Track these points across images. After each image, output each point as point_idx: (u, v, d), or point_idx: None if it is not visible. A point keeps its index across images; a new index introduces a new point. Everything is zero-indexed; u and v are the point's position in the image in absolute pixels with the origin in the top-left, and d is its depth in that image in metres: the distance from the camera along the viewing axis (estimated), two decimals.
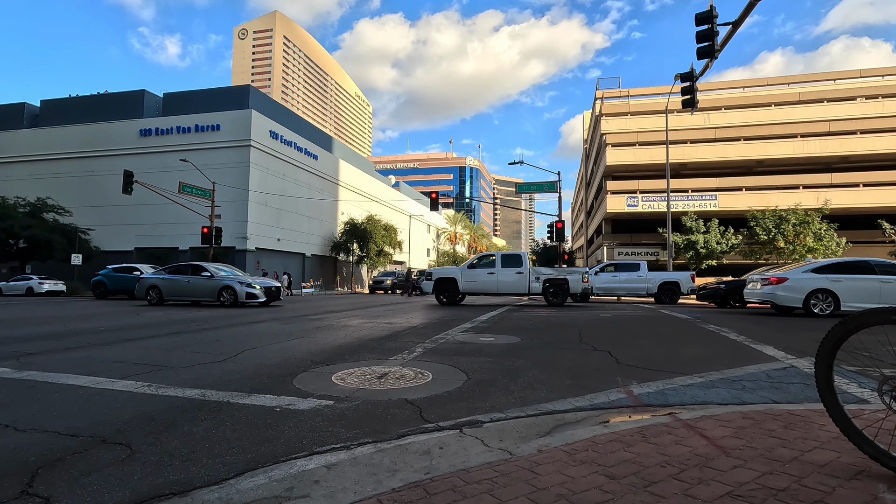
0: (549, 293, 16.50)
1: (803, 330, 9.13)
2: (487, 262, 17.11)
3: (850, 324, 2.10)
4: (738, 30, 11.12)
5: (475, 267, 17.04)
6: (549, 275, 16.62)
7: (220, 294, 16.36)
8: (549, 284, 16.46)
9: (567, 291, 16.46)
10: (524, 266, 16.82)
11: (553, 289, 16.48)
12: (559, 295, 16.50)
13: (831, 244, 26.92)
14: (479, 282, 16.78)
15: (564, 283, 16.51)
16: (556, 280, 16.53)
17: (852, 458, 2.26)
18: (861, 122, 35.05)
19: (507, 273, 16.69)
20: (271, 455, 2.48)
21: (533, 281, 16.49)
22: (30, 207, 32.58)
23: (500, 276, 16.66)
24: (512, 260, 17.06)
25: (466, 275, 16.86)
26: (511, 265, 16.83)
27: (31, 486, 2.09)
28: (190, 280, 17.03)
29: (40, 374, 4.54)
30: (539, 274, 16.68)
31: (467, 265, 17.22)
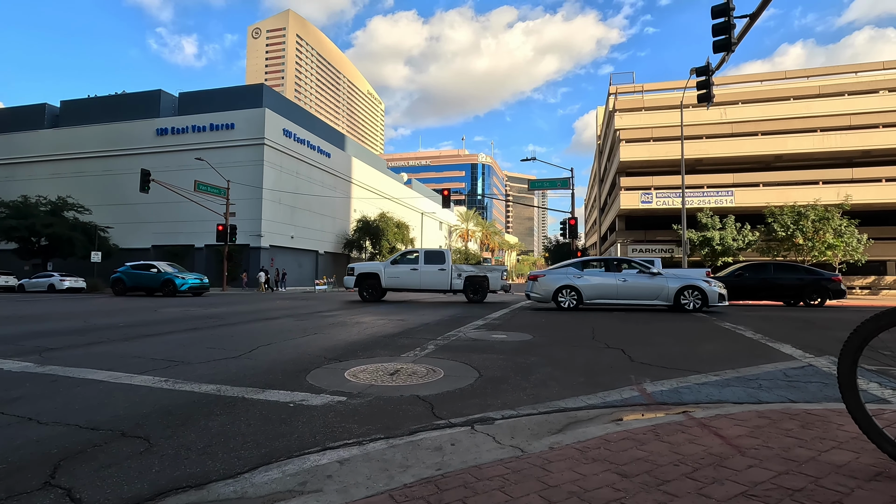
0: (470, 290, 16.61)
1: (823, 328, 8.95)
2: (411, 259, 17.13)
3: (883, 319, 2.02)
4: (755, 22, 10.89)
5: (398, 263, 17.05)
6: (470, 272, 16.77)
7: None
8: (469, 281, 16.58)
9: (487, 289, 16.63)
10: (447, 263, 16.89)
11: (473, 286, 16.61)
12: (479, 292, 16.59)
13: (852, 240, 26.31)
14: (403, 278, 16.78)
15: (484, 280, 16.68)
16: (477, 277, 16.69)
17: (871, 458, 2.21)
18: (884, 116, 34.13)
19: (429, 270, 16.73)
20: (285, 450, 2.51)
21: (455, 278, 16.57)
22: (51, 206, 33.32)
23: (423, 272, 16.70)
24: (435, 257, 17.10)
25: (389, 271, 16.82)
26: (434, 262, 16.90)
27: (54, 478, 2.15)
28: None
29: (62, 368, 4.65)
30: (461, 271, 16.76)
31: (390, 261, 17.20)
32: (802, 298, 15.79)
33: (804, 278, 16.07)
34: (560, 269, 13.98)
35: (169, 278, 21.73)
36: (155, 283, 21.98)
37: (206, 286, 23.19)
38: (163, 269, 22.32)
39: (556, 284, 13.22)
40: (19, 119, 43.46)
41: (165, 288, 21.61)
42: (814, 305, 15.63)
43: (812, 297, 15.71)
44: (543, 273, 13.86)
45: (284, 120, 38.46)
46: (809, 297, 15.72)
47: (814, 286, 15.87)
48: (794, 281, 16.09)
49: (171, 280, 21.64)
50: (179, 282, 21.73)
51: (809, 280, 15.97)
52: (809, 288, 15.81)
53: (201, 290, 22.93)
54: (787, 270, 16.80)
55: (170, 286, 21.53)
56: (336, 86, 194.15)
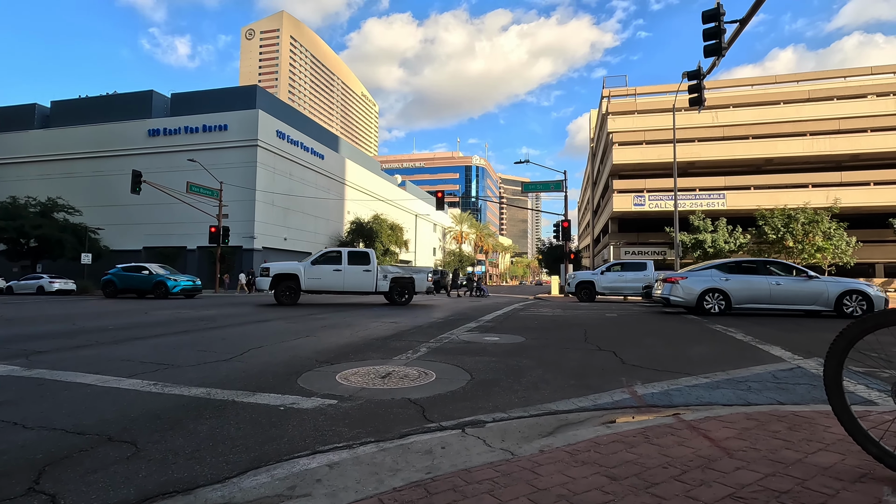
0: (396, 292, 16.25)
1: (811, 330, 9.04)
2: (333, 259, 16.25)
3: (868, 322, 2.05)
4: (745, 27, 11.03)
5: (319, 263, 16.06)
6: (396, 274, 16.40)
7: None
8: (395, 283, 16.23)
9: (412, 290, 16.37)
10: (372, 264, 16.30)
11: (399, 288, 16.31)
12: (405, 294, 16.36)
13: (841, 243, 26.62)
14: (325, 279, 15.85)
15: (410, 282, 16.41)
16: (402, 279, 16.37)
17: (857, 460, 2.24)
18: (871, 120, 34.60)
19: (354, 270, 16.00)
20: (274, 454, 2.50)
21: (380, 279, 16.07)
22: (40, 207, 32.99)
23: (347, 273, 15.92)
24: (359, 257, 16.41)
25: (310, 271, 15.74)
26: (358, 262, 16.21)
27: (38, 484, 2.12)
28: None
29: (49, 372, 4.60)
30: (386, 272, 16.32)
31: (310, 261, 16.08)
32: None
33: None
34: (700, 271, 12.90)
35: (161, 280, 21.49)
36: (147, 285, 21.71)
37: (198, 288, 23.01)
38: (154, 271, 22.08)
39: (700, 288, 12.25)
40: (8, 119, 42.99)
41: (157, 290, 21.36)
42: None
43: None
44: (684, 275, 12.78)
45: (278, 121, 38.34)
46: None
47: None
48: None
49: (163, 282, 21.41)
50: (171, 284, 21.48)
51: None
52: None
53: (194, 292, 22.68)
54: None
55: (162, 288, 21.30)
56: (330, 87, 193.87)
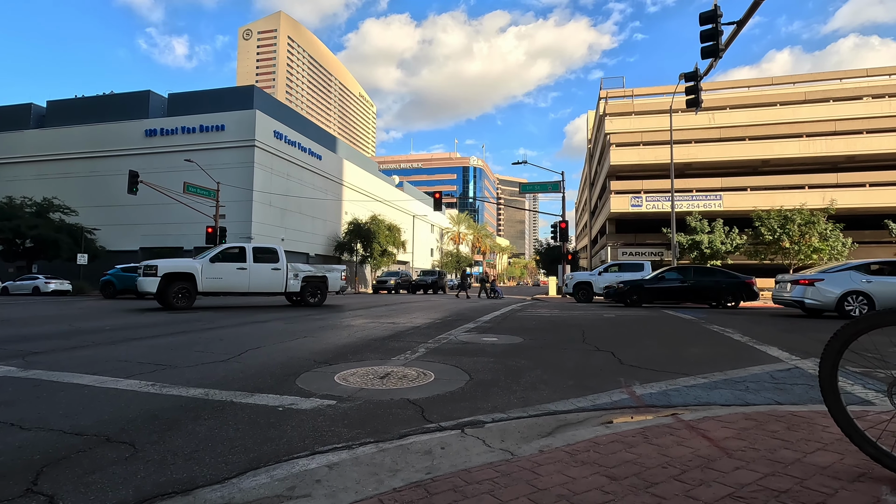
0: (309, 293, 15.25)
1: (808, 331, 9.08)
2: (236, 255, 14.38)
3: (861, 323, 2.06)
4: (742, 29, 11.07)
5: (220, 260, 14.04)
6: (309, 272, 15.40)
7: None
8: (308, 283, 15.24)
9: (326, 290, 15.58)
10: (281, 261, 14.83)
11: (313, 288, 15.35)
12: (317, 295, 15.38)
13: (837, 244, 26.72)
14: (227, 279, 13.99)
15: (324, 281, 15.53)
16: (315, 278, 15.41)
17: (855, 460, 2.25)
18: (867, 122, 34.78)
19: (261, 269, 14.46)
20: (273, 454, 2.49)
21: (291, 278, 14.85)
22: (36, 207, 32.83)
23: (253, 272, 14.26)
24: (266, 254, 14.84)
25: (209, 270, 13.74)
26: (265, 260, 14.66)
27: (36, 485, 2.11)
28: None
29: (46, 373, 4.58)
30: (298, 271, 15.16)
31: (209, 258, 13.95)
32: (720, 300, 16.08)
33: (722, 281, 16.44)
34: (835, 272, 12.08)
35: None
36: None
37: None
38: None
39: (839, 290, 11.52)
40: (4, 119, 42.79)
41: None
42: (730, 307, 15.95)
43: (727, 299, 16.04)
44: (821, 277, 12.03)
45: (275, 122, 38.28)
46: (725, 298, 16.05)
47: (731, 289, 16.21)
48: (713, 283, 16.44)
49: None
50: None
51: (727, 283, 16.35)
52: (727, 290, 16.14)
53: None
54: (707, 273, 17.27)
55: None
56: (327, 88, 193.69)
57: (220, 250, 14.34)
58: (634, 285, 16.81)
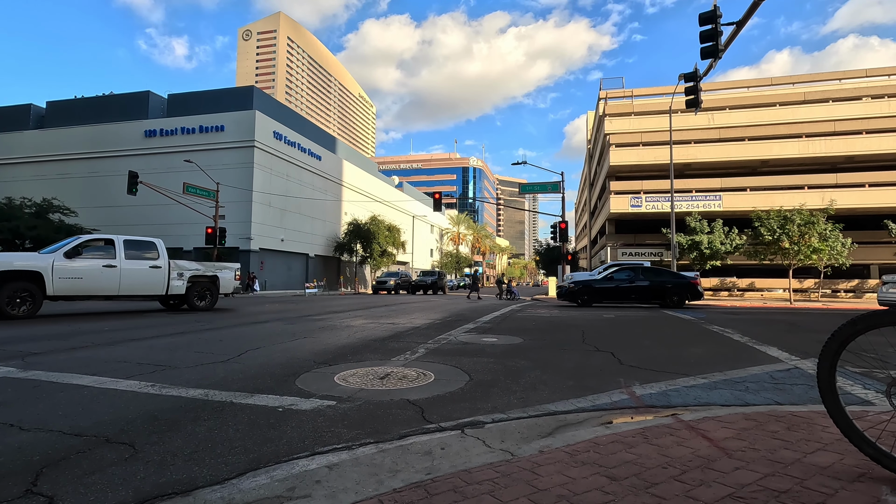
0: (196, 295, 13.32)
1: (808, 331, 9.08)
2: (101, 250, 11.69)
3: (859, 324, 2.06)
4: (741, 30, 11.08)
5: (79, 255, 11.20)
6: (196, 271, 13.32)
7: None
8: (195, 284, 13.28)
9: (217, 291, 13.75)
10: (161, 258, 12.53)
11: (200, 290, 13.44)
12: (206, 297, 13.53)
13: (836, 244, 26.72)
14: (90, 279, 11.23)
15: (214, 281, 13.71)
16: (204, 278, 13.48)
17: (855, 460, 2.25)
18: (867, 122, 34.78)
19: (134, 266, 11.94)
20: (273, 455, 2.49)
21: (174, 278, 12.75)
22: (36, 208, 32.78)
23: (125, 270, 11.69)
24: (142, 249, 12.36)
25: (63, 268, 10.85)
26: (141, 256, 12.24)
27: (36, 485, 2.11)
28: None
29: (45, 373, 4.57)
30: (182, 270, 12.99)
31: (63, 252, 11.04)
32: (666, 299, 16.25)
33: (668, 281, 16.65)
34: None
35: None
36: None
37: None
38: None
39: None
40: (3, 119, 42.74)
41: None
42: (675, 306, 16.17)
43: (673, 299, 16.21)
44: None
45: (275, 122, 38.26)
46: (671, 298, 16.22)
47: (676, 289, 16.37)
48: (659, 283, 16.61)
49: None
50: None
51: (673, 283, 16.56)
52: (672, 290, 16.32)
53: None
54: (654, 274, 17.45)
55: None
56: (327, 89, 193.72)
57: (80, 242, 11.47)
58: (585, 285, 17.04)
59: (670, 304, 16.17)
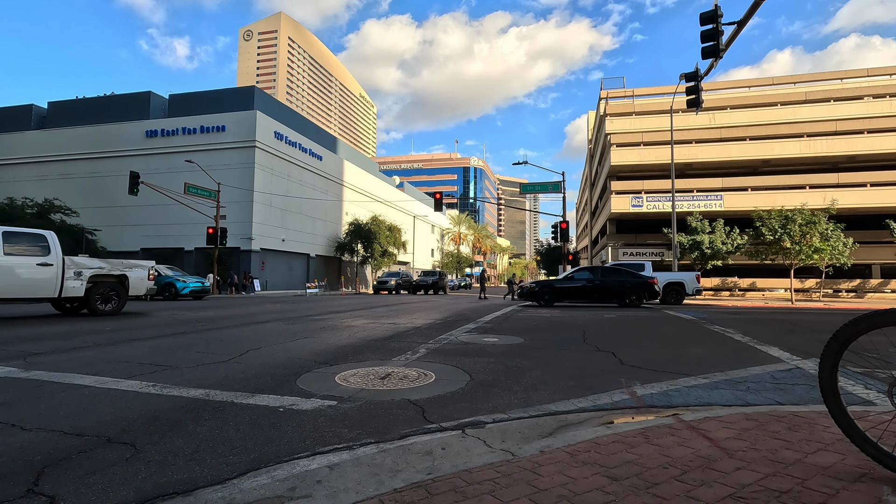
0: (98, 297, 11.24)
1: (809, 331, 9.07)
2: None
3: (860, 324, 2.06)
4: (742, 29, 11.06)
5: None
6: (97, 270, 11.23)
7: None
8: (96, 284, 11.21)
9: (126, 293, 11.76)
10: (53, 254, 10.47)
11: (103, 290, 11.32)
12: (112, 300, 11.49)
13: (838, 244, 26.68)
14: None
15: (122, 281, 11.67)
16: (109, 278, 11.40)
17: (857, 460, 2.24)
18: (868, 122, 34.72)
19: (17, 265, 9.83)
20: (274, 455, 2.49)
21: (70, 278, 10.68)
22: (37, 208, 32.85)
23: (5, 268, 9.60)
24: (28, 242, 10.20)
25: None
26: (25, 250, 10.08)
27: (37, 485, 2.12)
28: None
29: (47, 373, 4.58)
30: (80, 268, 10.94)
31: None
32: (625, 298, 16.49)
33: (627, 281, 16.88)
34: None
35: (170, 282, 21.25)
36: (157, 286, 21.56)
37: (206, 289, 22.85)
38: (163, 273, 21.78)
39: None
40: (5, 120, 42.82)
41: (166, 291, 21.12)
42: (633, 305, 16.44)
43: (632, 298, 16.48)
44: None
45: (275, 122, 38.29)
46: (630, 297, 16.48)
47: (634, 288, 16.59)
48: (619, 283, 16.83)
49: (173, 283, 21.23)
50: (181, 285, 21.32)
51: (631, 283, 16.78)
52: (631, 290, 16.56)
53: (202, 293, 22.42)
54: (614, 274, 17.74)
55: (171, 290, 21.12)
56: (328, 89, 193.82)
57: None
58: (545, 285, 17.18)
59: (630, 304, 16.41)
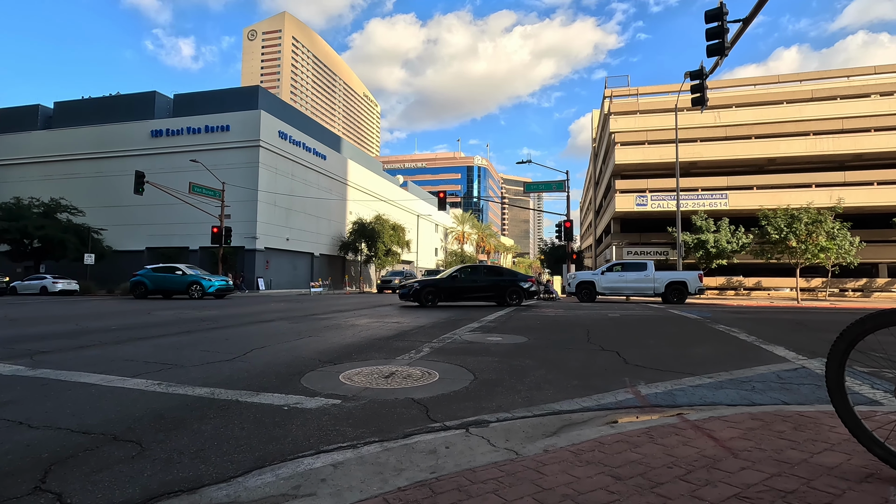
0: None
1: (815, 331, 9.01)
2: None
3: (867, 323, 2.04)
4: (748, 27, 11.00)
5: None
6: None
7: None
8: None
9: None
10: None
11: None
12: None
13: (844, 243, 26.48)
14: None
15: None
16: None
17: (863, 460, 2.23)
18: (875, 120, 34.42)
19: None
20: (279, 453, 2.50)
21: None
22: (43, 208, 33.07)
23: None
24: None
25: None
26: None
27: (44, 483, 2.13)
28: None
29: (53, 372, 4.61)
30: None
31: None
32: (505, 298, 16.88)
33: (503, 280, 17.32)
34: None
35: (196, 280, 21.23)
36: (181, 285, 21.39)
37: (230, 288, 22.84)
38: (187, 272, 21.82)
39: None
40: (12, 120, 43.12)
41: (192, 290, 21.14)
42: (513, 305, 16.85)
43: (512, 297, 16.96)
44: None
45: (280, 122, 38.38)
46: (510, 297, 16.94)
47: (512, 287, 17.04)
48: (496, 283, 17.21)
49: (199, 282, 21.23)
50: (207, 284, 21.30)
51: (508, 282, 17.24)
52: (509, 289, 17.00)
53: (226, 291, 22.31)
54: (495, 273, 18.28)
55: (197, 288, 21.11)
56: (332, 88, 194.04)
57: None
58: (427, 284, 17.22)
59: (508, 302, 16.76)
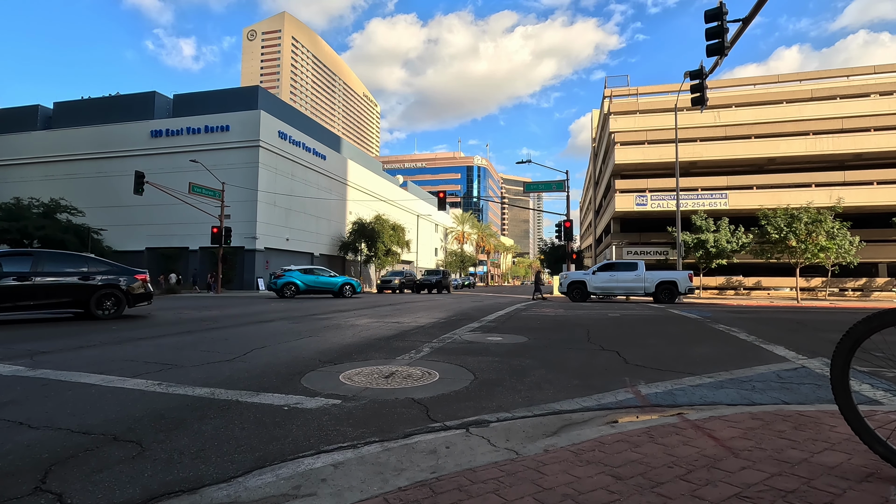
0: None
1: (815, 330, 9.01)
2: None
3: (874, 322, 2.04)
4: (748, 27, 10.99)
5: None
6: None
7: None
8: None
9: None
10: None
11: None
12: None
13: (844, 243, 26.48)
14: None
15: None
16: None
17: (863, 459, 2.23)
18: (875, 119, 34.41)
19: None
20: (279, 453, 2.50)
21: None
22: (43, 208, 33.05)
23: None
24: None
25: None
26: None
27: (45, 483, 2.13)
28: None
29: (53, 372, 4.61)
30: None
31: None
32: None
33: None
34: None
35: (348, 282, 23.55)
36: (333, 287, 23.25)
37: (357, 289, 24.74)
38: (331, 274, 24.15)
39: None
40: (11, 120, 43.09)
41: (342, 292, 23.15)
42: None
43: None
44: None
45: (279, 122, 38.36)
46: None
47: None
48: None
49: (350, 283, 23.62)
50: (356, 284, 23.85)
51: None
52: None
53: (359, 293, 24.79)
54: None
55: (347, 289, 23.30)
56: (332, 88, 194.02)
57: None
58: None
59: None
